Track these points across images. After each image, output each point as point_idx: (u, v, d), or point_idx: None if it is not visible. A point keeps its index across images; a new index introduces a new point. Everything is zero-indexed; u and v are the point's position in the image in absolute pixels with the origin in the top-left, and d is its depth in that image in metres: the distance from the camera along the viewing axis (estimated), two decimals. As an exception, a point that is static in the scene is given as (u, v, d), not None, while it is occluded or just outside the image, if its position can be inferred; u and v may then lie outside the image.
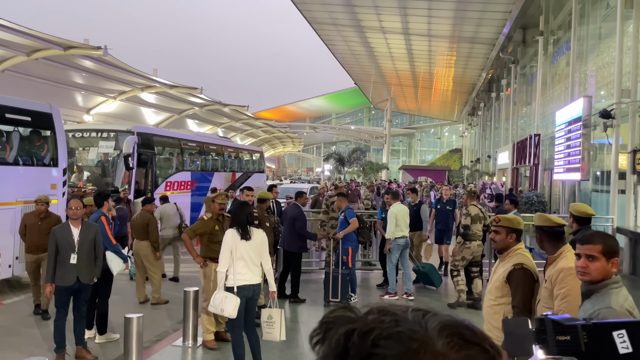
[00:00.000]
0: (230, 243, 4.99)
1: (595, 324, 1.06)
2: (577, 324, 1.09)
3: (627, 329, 1.00)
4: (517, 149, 20.96)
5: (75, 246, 5.47)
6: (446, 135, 71.47)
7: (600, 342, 1.03)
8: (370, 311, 0.61)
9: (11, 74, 14.26)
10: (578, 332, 1.07)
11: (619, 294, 2.32)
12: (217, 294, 5.00)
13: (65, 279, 5.45)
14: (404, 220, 8.44)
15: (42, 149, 9.31)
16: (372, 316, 0.60)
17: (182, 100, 22.39)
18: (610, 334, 1.01)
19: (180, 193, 14.89)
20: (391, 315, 0.59)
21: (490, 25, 21.23)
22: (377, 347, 0.56)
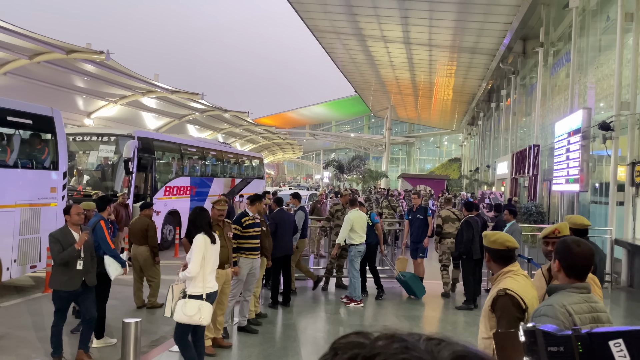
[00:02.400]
0: (203, 247, 4.91)
1: (590, 334, 1.05)
2: (570, 334, 1.07)
3: (624, 338, 0.99)
4: (516, 159, 20.99)
5: (81, 252, 5.47)
6: (445, 145, 71.51)
7: (596, 352, 1.02)
8: (379, 337, 0.60)
9: (13, 76, 14.29)
10: (572, 342, 1.06)
11: (569, 296, 2.40)
12: (188, 302, 4.83)
13: (70, 284, 5.45)
14: (360, 227, 8.46)
15: (42, 152, 9.32)
16: (381, 342, 0.59)
17: (183, 106, 22.42)
18: (607, 344, 1.00)
19: (180, 198, 14.88)
20: (401, 342, 0.58)
21: (491, 36, 21.33)
22: None
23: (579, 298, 2.41)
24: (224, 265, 6.03)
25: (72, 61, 14.23)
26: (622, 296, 10.21)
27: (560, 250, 2.55)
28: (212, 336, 6.06)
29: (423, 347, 0.57)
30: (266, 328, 7.02)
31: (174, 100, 20.80)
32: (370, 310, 8.34)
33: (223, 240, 6.03)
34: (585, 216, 12.74)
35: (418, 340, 0.59)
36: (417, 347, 0.58)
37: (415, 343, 0.58)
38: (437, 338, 0.60)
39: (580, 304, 2.40)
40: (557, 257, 2.53)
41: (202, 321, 4.81)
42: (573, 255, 2.49)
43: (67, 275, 5.43)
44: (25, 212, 8.50)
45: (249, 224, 6.80)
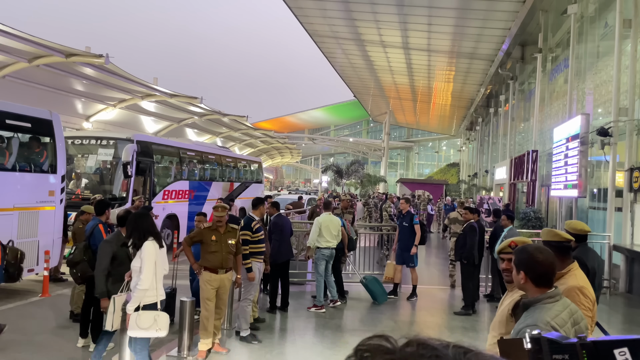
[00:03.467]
0: (154, 254, 4.61)
1: (595, 342, 1.05)
2: (575, 342, 1.08)
3: (629, 346, 1.00)
4: (515, 164, 21.02)
5: None
6: (444, 149, 71.60)
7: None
8: (409, 343, 0.60)
9: (12, 80, 14.28)
10: (577, 350, 1.06)
11: (550, 310, 2.33)
12: (142, 315, 4.53)
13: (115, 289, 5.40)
14: (329, 231, 8.39)
15: (41, 156, 9.31)
16: (410, 349, 0.59)
17: (182, 110, 22.42)
18: (612, 352, 1.00)
19: (178, 202, 14.87)
20: (431, 350, 0.58)
21: (490, 42, 21.40)
22: None
23: (559, 308, 2.36)
24: (217, 270, 6.00)
25: (72, 64, 14.23)
26: (620, 302, 10.21)
27: (524, 261, 2.44)
28: (210, 341, 6.03)
29: (452, 355, 0.58)
30: (264, 333, 7.00)
31: (173, 104, 20.80)
32: (367, 315, 8.32)
33: (219, 246, 6.01)
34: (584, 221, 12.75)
35: (446, 347, 0.59)
36: (447, 354, 0.58)
37: (445, 351, 0.58)
38: (464, 347, 0.60)
39: (561, 315, 2.34)
40: (522, 269, 2.43)
41: (159, 333, 4.53)
42: (539, 264, 2.41)
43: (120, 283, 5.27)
44: (23, 215, 8.49)
45: (258, 227, 6.87)
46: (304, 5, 21.33)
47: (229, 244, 6.05)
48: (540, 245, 2.61)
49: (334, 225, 8.49)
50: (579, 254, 4.75)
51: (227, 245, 6.04)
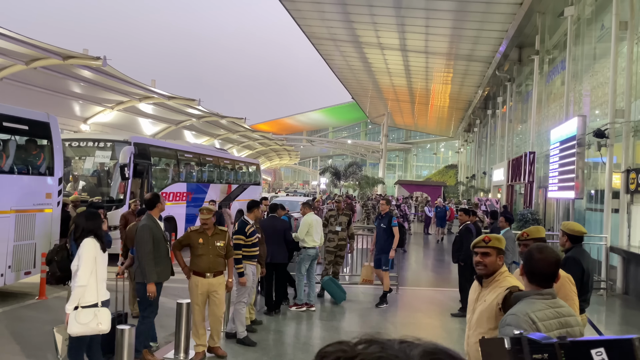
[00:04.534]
0: (93, 251, 4.59)
1: (573, 342, 1.07)
2: (554, 342, 1.10)
3: (605, 346, 1.02)
4: (512, 166, 21.07)
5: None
6: (442, 151, 71.73)
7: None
8: (359, 342, 0.66)
9: (10, 82, 14.28)
10: (555, 350, 1.08)
11: (533, 304, 2.42)
12: (81, 312, 4.46)
13: (164, 275, 5.85)
14: (316, 231, 8.47)
15: (38, 158, 9.30)
16: (360, 346, 0.64)
17: (180, 112, 22.43)
18: (589, 352, 1.02)
19: (176, 204, 14.87)
20: (378, 344, 0.64)
21: (487, 44, 21.46)
22: None
23: (542, 305, 2.43)
24: (205, 274, 5.90)
25: (69, 67, 14.24)
26: (617, 303, 10.23)
27: (524, 256, 2.62)
28: (203, 345, 6.02)
29: (397, 348, 0.64)
30: (261, 335, 7.00)
31: (170, 106, 20.82)
32: (364, 316, 8.32)
33: (206, 248, 5.92)
34: (581, 223, 12.79)
35: (392, 342, 0.65)
36: (392, 347, 0.63)
37: (391, 345, 0.64)
38: (409, 341, 0.66)
39: (545, 310, 2.41)
40: (522, 263, 2.62)
41: (100, 327, 4.43)
42: (534, 261, 2.53)
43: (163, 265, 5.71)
44: (20, 218, 8.48)
45: (252, 231, 6.83)
46: (302, 8, 21.37)
47: (216, 247, 5.95)
48: (544, 245, 2.69)
49: (319, 225, 8.59)
50: (574, 254, 4.80)
51: (215, 247, 5.95)
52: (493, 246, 3.12)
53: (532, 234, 4.18)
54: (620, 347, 1.02)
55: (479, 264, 3.13)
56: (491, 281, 3.07)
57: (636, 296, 10.36)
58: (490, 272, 3.11)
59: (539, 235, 4.22)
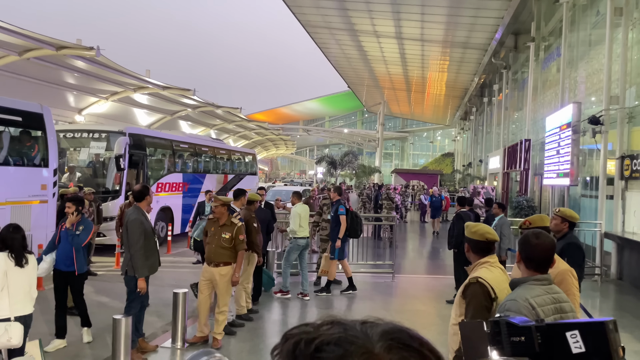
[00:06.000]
0: (4, 267, 4.38)
1: (549, 325, 1.09)
2: (530, 325, 1.12)
3: (579, 329, 1.04)
4: (508, 153, 21.11)
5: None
6: (439, 140, 71.73)
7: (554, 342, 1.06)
8: (323, 323, 0.67)
9: (3, 73, 14.17)
10: (532, 333, 1.10)
11: (532, 289, 2.46)
12: None
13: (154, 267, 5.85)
14: (306, 221, 8.57)
15: (32, 149, 9.28)
16: (324, 327, 0.66)
17: (175, 102, 22.33)
18: (564, 335, 1.04)
19: (172, 195, 14.86)
20: (340, 325, 0.66)
21: (483, 31, 21.38)
22: (319, 351, 0.62)
23: (540, 290, 2.46)
24: (209, 262, 6.05)
25: (62, 57, 14.13)
26: (611, 289, 10.32)
27: (520, 242, 2.62)
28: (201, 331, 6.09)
29: (358, 328, 0.65)
30: (258, 323, 7.05)
31: (165, 96, 20.72)
32: (359, 304, 8.38)
33: (212, 238, 6.06)
34: (576, 209, 12.86)
35: (354, 322, 0.67)
36: (354, 328, 0.65)
37: (352, 324, 0.66)
38: (371, 321, 0.67)
39: (543, 296, 2.45)
40: (519, 249, 2.62)
41: (11, 342, 4.21)
42: (531, 247, 2.55)
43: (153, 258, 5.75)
44: (16, 209, 8.47)
45: (239, 219, 6.83)
46: (297, -4, 21.23)
47: (221, 238, 6.01)
48: (539, 231, 2.71)
49: (307, 215, 8.70)
50: (573, 239, 4.85)
51: (220, 238, 6.01)
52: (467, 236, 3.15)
53: (534, 223, 4.11)
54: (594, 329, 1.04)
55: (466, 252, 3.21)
56: (470, 270, 3.10)
57: (630, 282, 10.45)
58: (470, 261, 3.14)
59: (543, 224, 4.14)
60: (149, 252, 5.68)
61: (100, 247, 11.60)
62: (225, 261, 6.04)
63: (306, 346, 0.63)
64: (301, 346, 0.64)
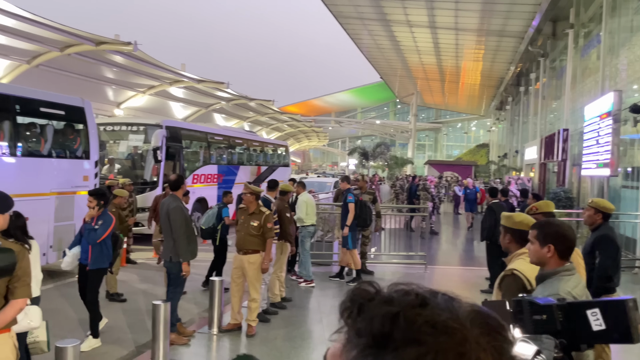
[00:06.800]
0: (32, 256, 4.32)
1: (570, 304, 1.12)
2: (552, 304, 1.14)
3: (600, 307, 1.06)
4: (545, 144, 20.60)
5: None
6: (473, 130, 70.41)
7: (575, 320, 1.09)
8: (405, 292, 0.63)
9: (45, 69, 14.70)
10: (554, 311, 1.13)
11: (568, 281, 2.42)
12: None
13: (195, 252, 6.05)
14: (312, 209, 8.70)
15: (74, 142, 9.63)
16: (408, 297, 0.62)
17: (209, 95, 22.68)
18: (585, 313, 1.06)
19: (207, 186, 15.16)
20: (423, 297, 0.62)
21: (519, 18, 20.84)
22: (423, 334, 0.58)
23: (575, 280, 2.46)
24: (238, 250, 6.22)
25: (102, 52, 14.54)
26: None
27: (552, 234, 2.50)
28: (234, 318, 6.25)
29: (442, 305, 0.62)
30: (291, 311, 7.18)
31: (200, 89, 21.06)
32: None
33: (242, 226, 6.21)
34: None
35: (434, 295, 0.63)
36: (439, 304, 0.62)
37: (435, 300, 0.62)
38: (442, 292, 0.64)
39: (579, 285, 2.45)
40: (550, 242, 2.48)
41: (31, 324, 4.23)
42: (568, 238, 2.50)
43: (193, 244, 5.95)
44: (59, 199, 8.83)
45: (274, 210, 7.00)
46: (329, -13, 21.17)
47: (250, 226, 6.15)
48: (563, 221, 2.72)
49: (313, 204, 8.89)
50: (607, 231, 4.74)
51: (249, 226, 6.15)
52: (503, 224, 3.13)
53: (541, 208, 4.16)
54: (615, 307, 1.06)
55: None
56: (508, 261, 3.10)
57: (673, 275, 10.11)
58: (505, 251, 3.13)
59: (549, 210, 4.20)
60: (190, 237, 5.90)
61: (139, 236, 11.97)
62: (254, 249, 6.17)
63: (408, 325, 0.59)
64: (401, 324, 0.59)
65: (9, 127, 8.16)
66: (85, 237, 5.85)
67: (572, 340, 1.09)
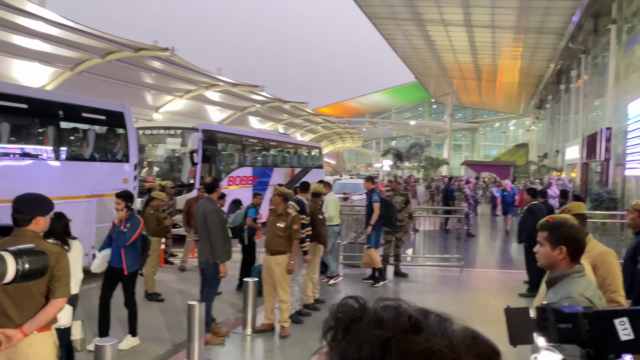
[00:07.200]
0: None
1: (597, 312, 1.09)
2: (578, 311, 1.11)
3: (629, 316, 1.03)
4: (588, 143, 19.96)
5: None
6: (512, 130, 68.83)
7: (602, 329, 1.06)
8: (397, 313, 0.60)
9: (88, 75, 15.22)
10: (579, 320, 1.10)
11: (579, 282, 2.42)
12: None
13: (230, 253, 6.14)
14: (337, 210, 8.88)
15: (115, 146, 9.94)
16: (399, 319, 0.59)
17: (245, 98, 22.97)
18: (612, 322, 1.03)
19: (242, 188, 15.37)
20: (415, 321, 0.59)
21: (559, 15, 20.29)
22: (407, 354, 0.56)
23: (587, 282, 2.45)
24: (268, 251, 6.29)
25: (141, 58, 14.95)
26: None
27: (565, 236, 2.47)
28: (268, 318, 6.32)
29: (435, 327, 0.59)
30: (324, 313, 7.17)
31: (235, 93, 21.36)
32: (427, 298, 8.31)
33: (270, 227, 6.30)
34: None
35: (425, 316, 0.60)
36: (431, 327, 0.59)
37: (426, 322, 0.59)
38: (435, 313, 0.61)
39: (591, 286, 2.44)
40: (562, 244, 2.45)
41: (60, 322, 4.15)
42: (578, 239, 2.50)
43: (228, 245, 6.09)
44: (101, 202, 9.13)
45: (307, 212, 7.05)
46: (362, -12, 21.14)
47: (277, 227, 6.19)
48: (574, 223, 2.67)
49: (339, 204, 9.07)
50: None
51: (276, 227, 6.20)
52: None
53: (573, 210, 4.08)
54: None
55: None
56: None
57: None
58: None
59: (580, 211, 4.11)
60: (226, 239, 6.03)
61: (177, 237, 12.23)
62: (281, 250, 6.20)
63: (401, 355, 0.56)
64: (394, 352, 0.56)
65: (54, 132, 8.49)
66: (115, 240, 5.91)
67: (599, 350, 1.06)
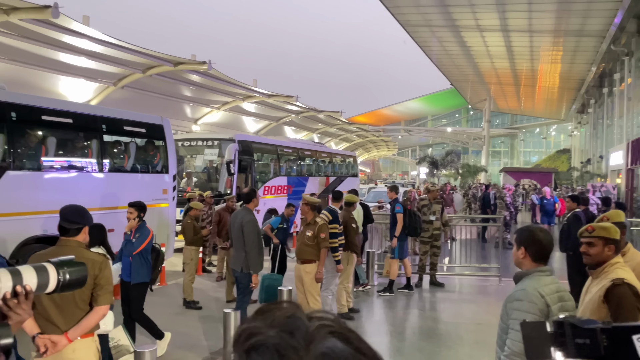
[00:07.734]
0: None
1: (615, 327, 1.06)
2: (596, 327, 1.09)
3: None
4: (633, 148, 19.24)
5: None
6: (553, 135, 66.94)
7: (620, 345, 1.04)
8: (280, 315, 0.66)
9: (129, 89, 15.79)
10: (597, 335, 1.07)
11: (540, 279, 2.69)
12: None
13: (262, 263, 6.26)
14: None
15: (155, 158, 10.26)
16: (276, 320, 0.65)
17: (280, 109, 23.27)
18: (630, 338, 1.01)
19: (278, 197, 15.54)
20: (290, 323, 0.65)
21: (600, 17, 19.73)
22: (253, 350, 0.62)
23: (548, 280, 2.70)
24: (298, 260, 6.39)
25: (179, 72, 15.41)
26: None
27: (525, 237, 2.79)
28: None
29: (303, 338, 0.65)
30: (359, 322, 7.19)
31: (271, 103, 21.67)
32: (463, 308, 8.19)
33: (300, 236, 6.44)
34: None
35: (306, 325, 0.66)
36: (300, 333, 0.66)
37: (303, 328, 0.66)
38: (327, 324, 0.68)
39: (549, 285, 2.68)
40: (522, 245, 2.77)
41: (105, 327, 4.33)
42: (539, 242, 2.76)
43: (262, 256, 6.20)
44: (141, 211, 9.40)
45: None
46: (395, -4, 21.14)
47: (305, 235, 6.32)
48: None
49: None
50: None
51: (304, 236, 6.34)
52: (597, 235, 3.01)
53: (612, 218, 4.06)
54: None
55: (584, 253, 3.08)
56: (600, 272, 2.97)
57: None
58: (595, 262, 3.00)
59: (619, 220, 4.08)
60: (260, 250, 6.11)
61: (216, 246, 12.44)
62: (310, 258, 6.30)
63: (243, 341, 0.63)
64: (241, 339, 0.63)
65: (97, 145, 8.85)
66: (123, 249, 5.79)
67: None
